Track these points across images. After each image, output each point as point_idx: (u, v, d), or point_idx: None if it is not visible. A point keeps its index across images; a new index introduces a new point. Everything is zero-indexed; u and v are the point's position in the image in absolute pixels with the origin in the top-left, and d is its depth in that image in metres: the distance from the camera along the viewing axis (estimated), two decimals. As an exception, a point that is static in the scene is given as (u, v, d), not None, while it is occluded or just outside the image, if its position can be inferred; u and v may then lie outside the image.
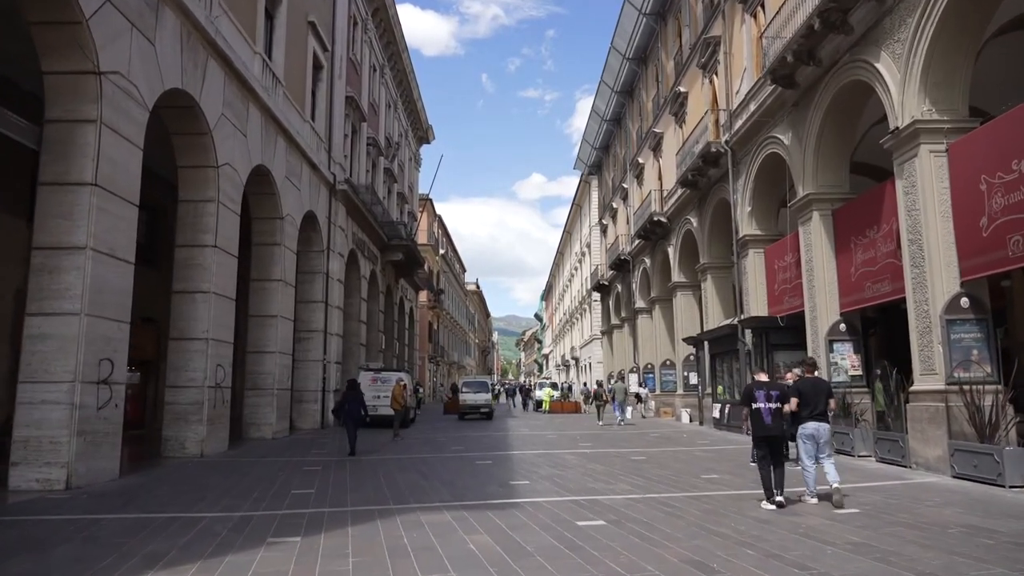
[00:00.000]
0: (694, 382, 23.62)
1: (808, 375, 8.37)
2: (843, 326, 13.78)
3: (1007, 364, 9.99)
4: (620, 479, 10.04)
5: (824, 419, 7.97)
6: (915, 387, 10.75)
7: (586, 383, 45.35)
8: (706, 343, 21.06)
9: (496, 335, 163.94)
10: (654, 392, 28.22)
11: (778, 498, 7.61)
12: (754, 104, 16.84)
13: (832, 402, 8.30)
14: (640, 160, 30.27)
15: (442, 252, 58.84)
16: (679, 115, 23.93)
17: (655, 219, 25.56)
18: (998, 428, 9.18)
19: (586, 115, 39.10)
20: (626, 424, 22.43)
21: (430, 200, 49.97)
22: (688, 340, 22.88)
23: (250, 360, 17.13)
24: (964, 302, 10.13)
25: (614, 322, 38.20)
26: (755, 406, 7.89)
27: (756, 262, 17.92)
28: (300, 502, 8.14)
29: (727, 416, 18.83)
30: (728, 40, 18.85)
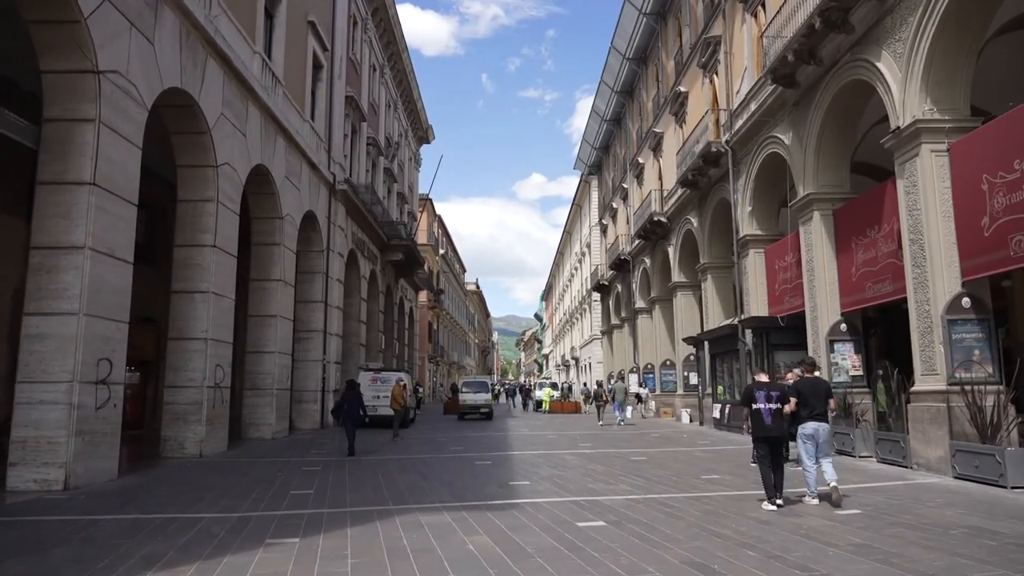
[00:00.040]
0: (694, 382, 23.59)
1: (808, 375, 8.36)
2: (844, 326, 13.75)
3: (1008, 364, 9.96)
4: (620, 480, 10.02)
5: (824, 419, 7.98)
6: (916, 387, 10.72)
7: (586, 383, 45.30)
8: (706, 343, 21.04)
9: (496, 335, 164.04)
10: (654, 392, 28.18)
11: (777, 500, 7.60)
12: (755, 104, 16.82)
13: (832, 402, 8.32)
14: (640, 160, 30.24)
15: (442, 252, 58.84)
16: (679, 115, 23.90)
17: (655, 219, 25.54)
18: (1000, 429, 9.15)
19: (586, 115, 39.14)
20: (626, 424, 22.41)
21: (430, 200, 49.96)
22: (688, 340, 22.86)
23: (249, 360, 17.11)
24: (965, 302, 10.11)
25: (614, 322, 38.17)
26: (755, 406, 7.86)
27: (756, 262, 17.89)
28: (299, 503, 8.11)
29: (727, 416, 18.81)
30: (728, 40, 18.82)
